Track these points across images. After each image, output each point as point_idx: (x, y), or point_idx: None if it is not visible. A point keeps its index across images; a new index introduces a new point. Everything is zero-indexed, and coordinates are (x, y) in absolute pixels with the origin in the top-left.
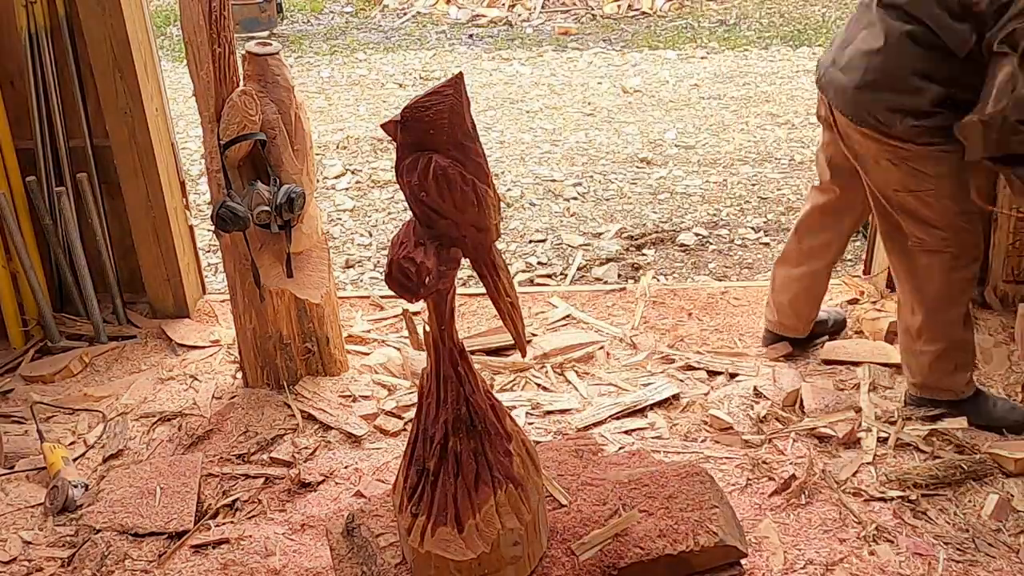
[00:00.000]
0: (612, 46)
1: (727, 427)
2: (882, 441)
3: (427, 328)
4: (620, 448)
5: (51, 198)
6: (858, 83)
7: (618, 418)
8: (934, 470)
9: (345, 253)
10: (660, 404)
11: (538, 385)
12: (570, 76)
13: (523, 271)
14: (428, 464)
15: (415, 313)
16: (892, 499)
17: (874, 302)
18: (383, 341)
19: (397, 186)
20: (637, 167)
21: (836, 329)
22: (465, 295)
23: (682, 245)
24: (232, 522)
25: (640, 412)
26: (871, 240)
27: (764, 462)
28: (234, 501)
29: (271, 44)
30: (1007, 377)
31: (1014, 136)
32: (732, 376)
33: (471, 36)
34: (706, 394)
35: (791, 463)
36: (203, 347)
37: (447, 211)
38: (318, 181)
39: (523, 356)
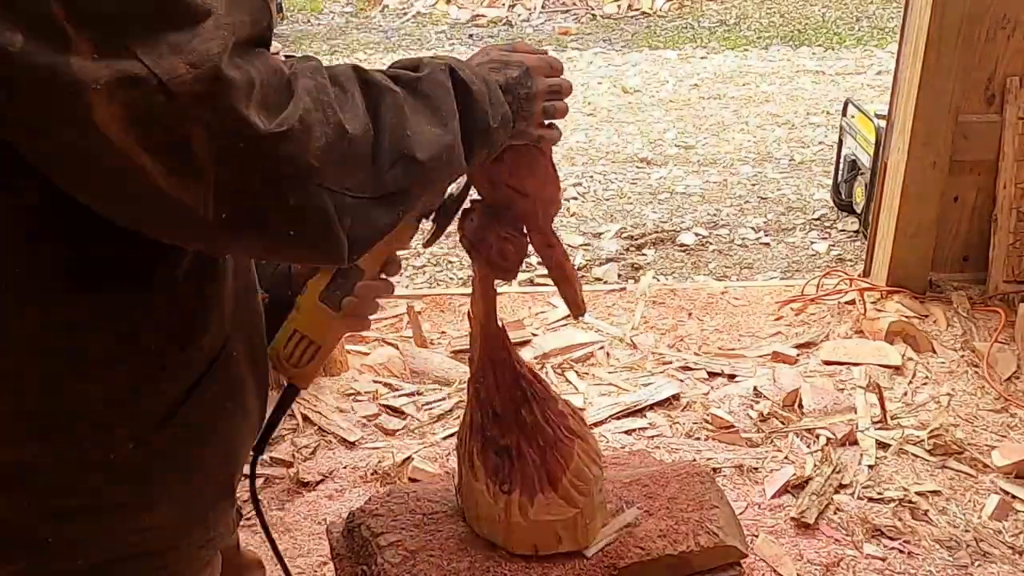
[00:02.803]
0: (612, 46)
1: (728, 426)
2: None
3: (472, 313)
4: (621, 447)
5: None
6: None
7: (618, 418)
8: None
9: None
10: (660, 404)
11: None
12: (570, 76)
13: (523, 271)
14: (505, 442)
15: (419, 312)
16: (891, 500)
17: (874, 302)
18: (383, 340)
19: None
20: (637, 167)
21: None
22: (463, 294)
23: (682, 245)
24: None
25: (640, 412)
26: (871, 241)
27: (765, 462)
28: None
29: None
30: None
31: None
32: (731, 376)
33: (471, 36)
34: (706, 394)
35: (792, 463)
36: None
37: (531, 189)
38: None
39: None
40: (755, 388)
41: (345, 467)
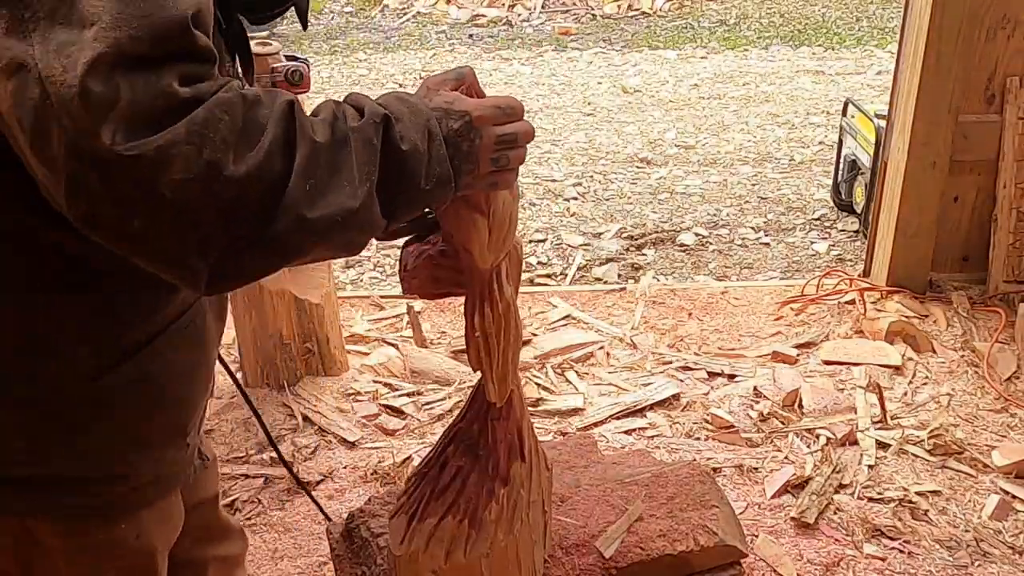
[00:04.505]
0: (612, 46)
1: (728, 426)
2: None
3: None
4: (621, 447)
5: None
6: None
7: (618, 418)
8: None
9: None
10: (660, 404)
11: (538, 385)
12: (570, 76)
13: (523, 271)
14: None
15: (419, 312)
16: (891, 500)
17: (874, 302)
18: (383, 340)
19: None
20: (637, 167)
21: None
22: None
23: (682, 245)
24: None
25: (640, 412)
26: (871, 241)
27: (765, 462)
28: (233, 501)
29: (271, 44)
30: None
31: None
32: (731, 376)
33: (471, 36)
34: (706, 394)
35: (792, 463)
36: None
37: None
38: None
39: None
40: (755, 388)
41: (345, 467)
